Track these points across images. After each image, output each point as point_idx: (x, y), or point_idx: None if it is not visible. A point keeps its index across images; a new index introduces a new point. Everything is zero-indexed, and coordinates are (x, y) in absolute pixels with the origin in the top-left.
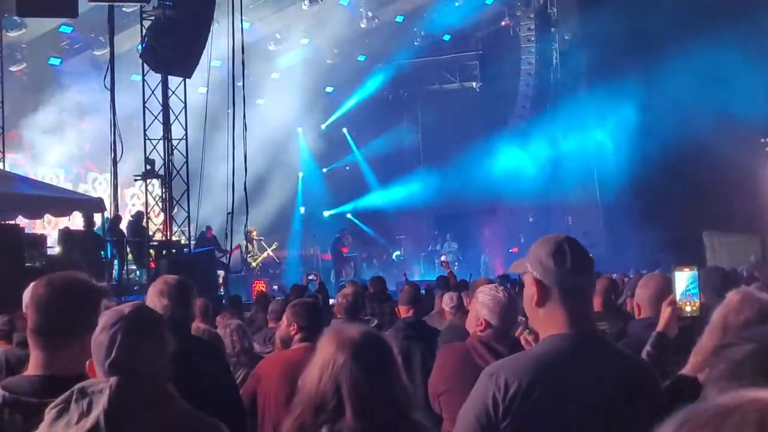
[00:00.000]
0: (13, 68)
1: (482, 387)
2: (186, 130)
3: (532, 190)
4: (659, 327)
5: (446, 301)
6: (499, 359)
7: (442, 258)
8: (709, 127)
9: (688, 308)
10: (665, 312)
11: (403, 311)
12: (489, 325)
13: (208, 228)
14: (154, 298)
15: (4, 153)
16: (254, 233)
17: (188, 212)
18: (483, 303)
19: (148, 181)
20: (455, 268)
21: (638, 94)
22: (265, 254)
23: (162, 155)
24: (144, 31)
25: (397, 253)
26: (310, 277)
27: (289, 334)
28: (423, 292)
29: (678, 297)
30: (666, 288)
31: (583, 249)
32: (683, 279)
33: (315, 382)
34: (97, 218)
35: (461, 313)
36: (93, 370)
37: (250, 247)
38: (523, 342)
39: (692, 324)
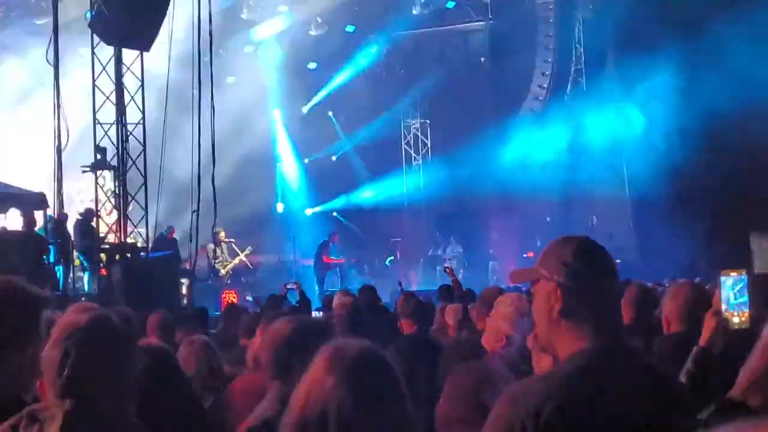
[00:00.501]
0: None
1: (506, 414)
2: (143, 112)
3: (550, 184)
4: (702, 341)
5: (450, 314)
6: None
7: (446, 264)
8: (761, 111)
9: (735, 319)
10: (709, 323)
11: (407, 326)
12: (511, 340)
13: (170, 228)
14: None
15: None
16: (223, 235)
17: (145, 210)
18: (504, 315)
19: (99, 173)
20: (460, 276)
21: (676, 70)
22: (236, 260)
23: (115, 143)
24: None
25: (391, 258)
26: (289, 286)
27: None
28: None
29: (724, 306)
30: (698, 299)
31: (606, 251)
32: (730, 285)
33: (300, 404)
34: (39, 217)
35: (468, 328)
36: (45, 391)
37: (218, 251)
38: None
39: (741, 338)
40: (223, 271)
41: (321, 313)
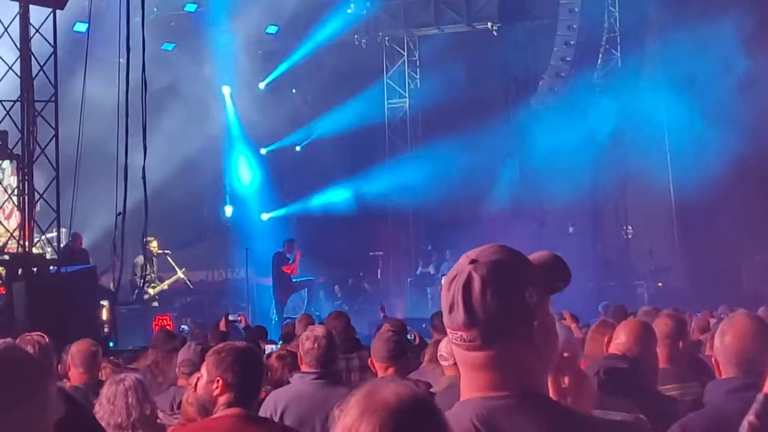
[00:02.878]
0: None
1: None
2: (56, 87)
3: (574, 184)
4: (766, 387)
5: (445, 348)
6: None
7: (443, 280)
8: None
9: None
10: None
11: (380, 369)
12: None
13: (76, 236)
14: None
15: None
16: (156, 245)
17: (57, 212)
18: None
19: None
20: None
21: (736, 44)
22: (172, 279)
23: (18, 125)
24: None
25: (370, 278)
26: (231, 318)
27: (210, 394)
28: (410, 337)
29: None
30: (759, 334)
31: (491, 279)
32: None
33: None
34: None
35: None
36: None
37: (148, 266)
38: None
39: None
40: (151, 291)
41: (277, 345)
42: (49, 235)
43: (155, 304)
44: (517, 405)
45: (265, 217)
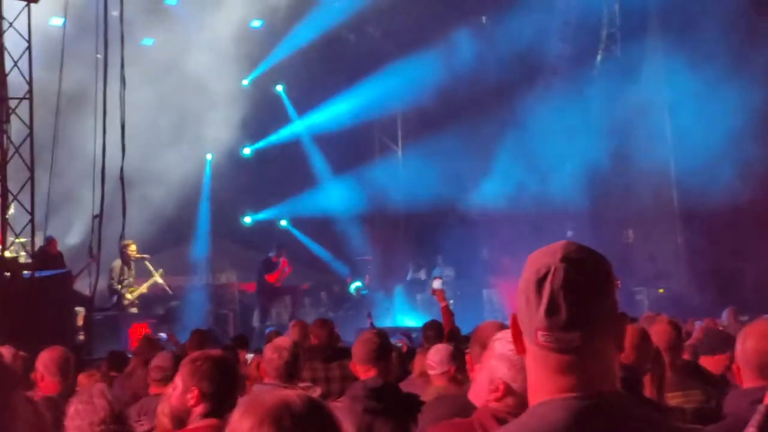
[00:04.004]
0: None
1: None
2: (30, 84)
3: (572, 186)
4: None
5: (433, 357)
6: None
7: (435, 284)
8: None
9: None
10: None
11: (361, 371)
12: (510, 390)
13: (50, 240)
14: None
15: None
16: (134, 249)
17: (31, 213)
18: (501, 357)
19: None
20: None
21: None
22: (149, 283)
23: None
24: None
25: (358, 283)
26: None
27: (185, 404)
28: (398, 344)
29: None
30: None
31: (585, 274)
32: None
33: None
34: None
35: (457, 376)
36: None
37: (126, 270)
38: None
39: None
40: (129, 297)
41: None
42: (22, 239)
43: (134, 310)
44: (607, 405)
45: (247, 219)
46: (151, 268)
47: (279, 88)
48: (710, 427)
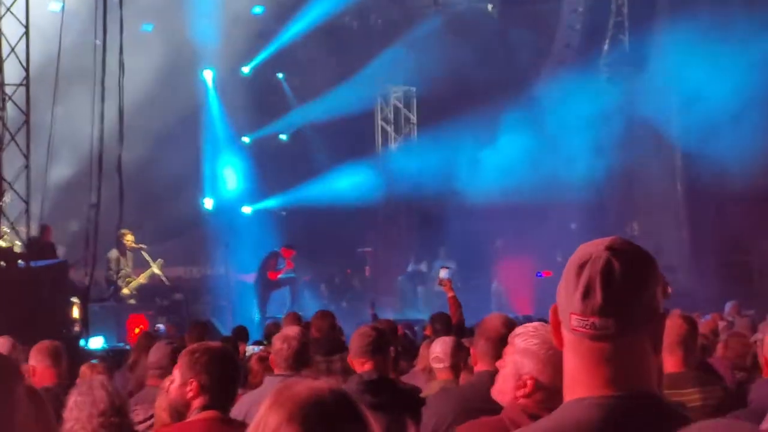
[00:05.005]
0: None
1: None
2: (27, 70)
3: (576, 176)
4: None
5: (437, 350)
6: None
7: (442, 273)
8: None
9: None
10: None
11: (357, 365)
12: (539, 385)
13: (44, 228)
14: None
15: None
16: (131, 239)
17: (27, 202)
18: (525, 352)
19: None
20: None
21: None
22: (147, 273)
23: None
24: None
25: (359, 276)
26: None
27: (183, 397)
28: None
29: None
30: None
31: (628, 266)
32: None
33: None
34: None
35: (460, 369)
36: None
37: (123, 261)
38: None
39: None
40: (126, 289)
41: (259, 347)
42: (19, 228)
43: (132, 301)
44: (643, 406)
45: (246, 210)
46: (148, 258)
47: (280, 76)
48: (736, 412)
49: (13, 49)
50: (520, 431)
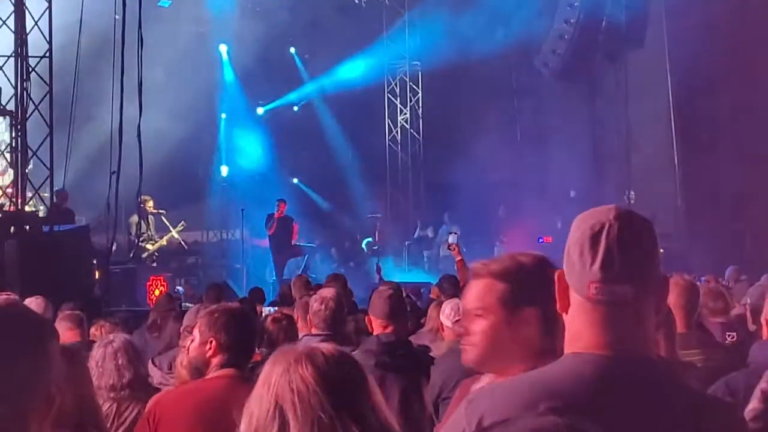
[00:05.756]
0: None
1: (455, 420)
2: (50, 43)
3: (575, 148)
4: None
5: (446, 312)
6: None
7: (451, 238)
8: None
9: None
10: None
11: (378, 326)
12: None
13: (61, 193)
14: None
15: None
16: (152, 205)
17: (51, 169)
18: None
19: None
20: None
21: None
22: (167, 237)
23: (12, 81)
24: None
25: (369, 239)
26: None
27: (203, 355)
28: (411, 297)
29: None
30: None
31: (638, 233)
32: None
33: (254, 411)
34: None
35: None
36: None
37: (144, 225)
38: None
39: None
40: (150, 248)
41: (275, 307)
42: (42, 194)
43: (154, 264)
44: (637, 369)
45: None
46: (167, 222)
47: (292, 50)
48: (734, 373)
49: (36, 23)
50: (520, 377)
